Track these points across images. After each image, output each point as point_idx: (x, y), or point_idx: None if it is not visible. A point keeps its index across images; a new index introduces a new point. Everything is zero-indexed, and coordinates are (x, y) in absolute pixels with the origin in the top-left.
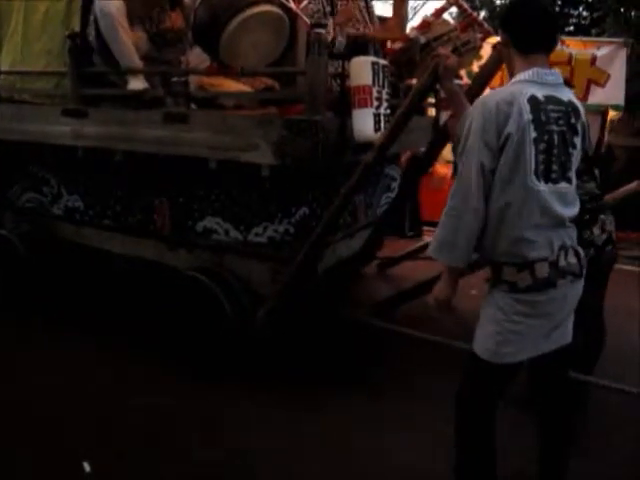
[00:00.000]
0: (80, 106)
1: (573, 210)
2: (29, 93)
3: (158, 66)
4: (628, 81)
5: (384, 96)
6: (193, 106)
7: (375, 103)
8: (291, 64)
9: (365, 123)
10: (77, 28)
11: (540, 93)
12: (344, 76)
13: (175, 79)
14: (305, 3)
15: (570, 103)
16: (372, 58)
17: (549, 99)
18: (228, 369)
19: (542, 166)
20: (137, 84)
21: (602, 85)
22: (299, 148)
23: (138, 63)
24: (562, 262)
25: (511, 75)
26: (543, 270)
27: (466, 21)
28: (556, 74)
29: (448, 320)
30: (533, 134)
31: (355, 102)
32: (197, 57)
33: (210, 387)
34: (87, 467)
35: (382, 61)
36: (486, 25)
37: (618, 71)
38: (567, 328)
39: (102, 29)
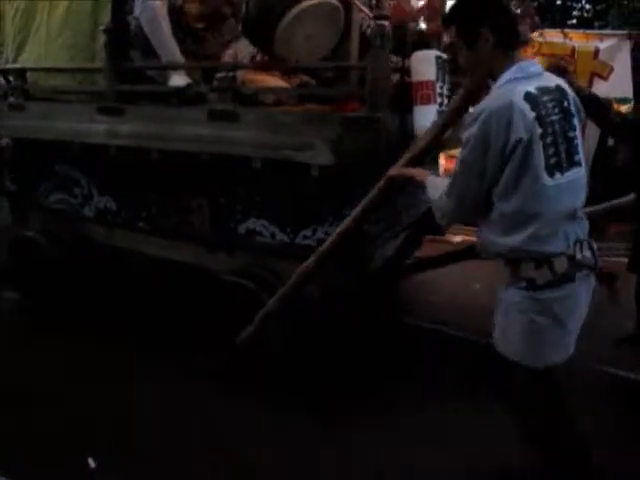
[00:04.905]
0: (117, 104)
1: (581, 198)
2: (54, 90)
3: (200, 60)
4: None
5: (445, 92)
6: None
7: (438, 99)
8: (343, 58)
9: (428, 121)
10: (106, 22)
11: (531, 87)
12: (404, 71)
13: (222, 74)
14: None
15: (557, 88)
16: (436, 52)
17: (541, 90)
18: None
19: (554, 159)
20: (179, 80)
21: (605, 78)
22: (359, 147)
23: (180, 57)
24: (578, 255)
25: (490, 76)
26: (562, 264)
27: (521, 11)
28: (534, 63)
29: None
30: (539, 131)
31: (417, 98)
32: (245, 49)
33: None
34: (92, 463)
35: (444, 55)
36: (536, 19)
37: (622, 63)
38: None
39: (143, 22)
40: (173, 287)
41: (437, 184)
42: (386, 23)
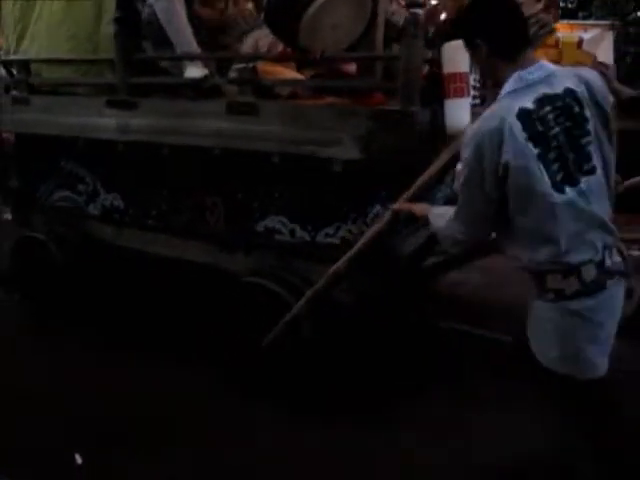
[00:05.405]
0: (129, 97)
1: (605, 203)
2: (59, 82)
3: (214, 52)
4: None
5: (477, 84)
6: None
7: (472, 92)
8: (368, 48)
9: (460, 115)
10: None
11: (529, 100)
12: (433, 62)
13: (242, 65)
14: None
15: (567, 92)
16: None
17: (542, 101)
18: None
19: (560, 174)
20: (195, 71)
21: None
22: (391, 143)
23: (196, 48)
24: (608, 262)
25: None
26: (591, 273)
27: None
28: (541, 66)
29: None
30: (535, 151)
31: (449, 91)
32: (265, 37)
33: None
34: (79, 459)
35: None
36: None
37: (605, 54)
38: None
39: (158, 10)
40: (185, 288)
41: (441, 213)
42: (420, 11)
